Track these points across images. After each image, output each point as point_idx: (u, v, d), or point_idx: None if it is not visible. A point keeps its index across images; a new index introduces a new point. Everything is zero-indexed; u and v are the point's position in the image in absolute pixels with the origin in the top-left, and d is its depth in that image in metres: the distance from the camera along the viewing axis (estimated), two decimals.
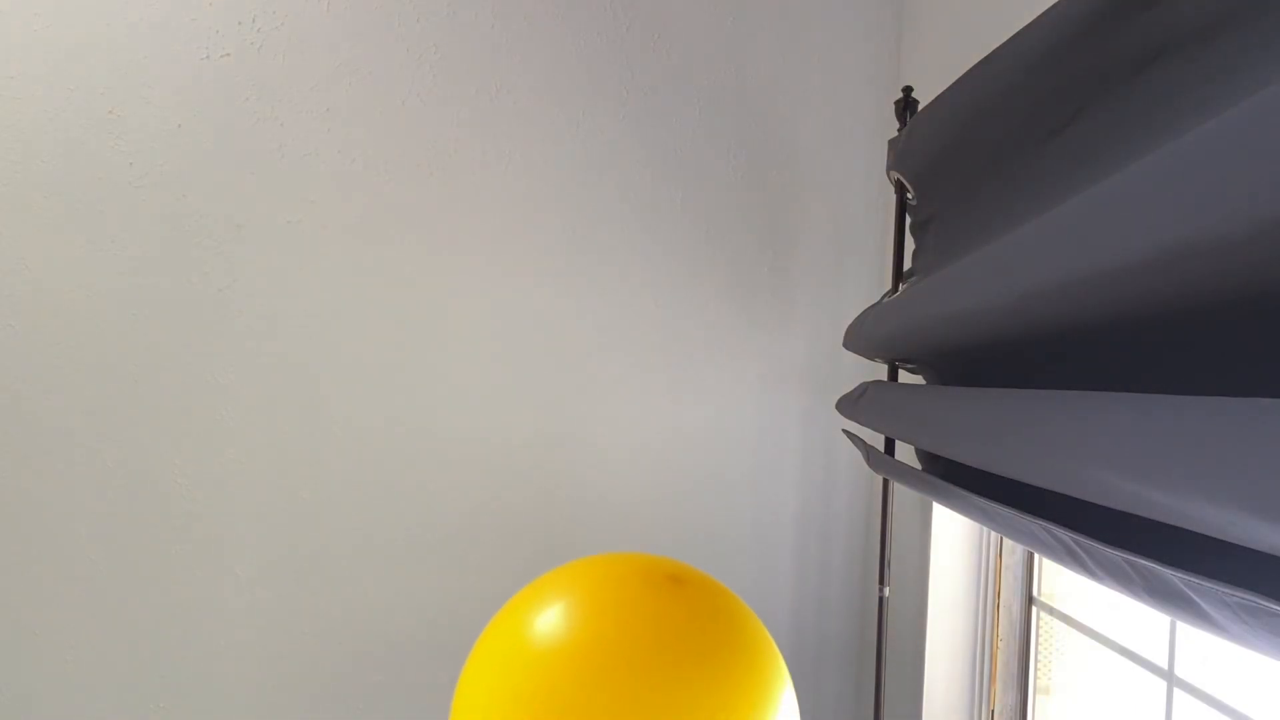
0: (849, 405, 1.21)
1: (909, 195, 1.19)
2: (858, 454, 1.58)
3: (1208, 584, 0.47)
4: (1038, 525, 0.67)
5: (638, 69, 1.49)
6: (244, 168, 1.36)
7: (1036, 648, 1.30)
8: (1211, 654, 0.92)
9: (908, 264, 1.26)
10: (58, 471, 1.33)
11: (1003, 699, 1.32)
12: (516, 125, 1.45)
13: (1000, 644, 1.32)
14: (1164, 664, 0.97)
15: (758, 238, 1.56)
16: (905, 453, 1.20)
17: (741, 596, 1.27)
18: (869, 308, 1.23)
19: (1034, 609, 1.31)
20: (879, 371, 1.44)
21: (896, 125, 1.29)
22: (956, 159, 0.99)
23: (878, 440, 1.29)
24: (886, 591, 1.33)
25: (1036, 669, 1.30)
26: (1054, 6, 0.73)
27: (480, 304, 1.45)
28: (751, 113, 1.54)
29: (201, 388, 1.37)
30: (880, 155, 1.57)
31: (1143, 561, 0.53)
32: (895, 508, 1.35)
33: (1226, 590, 0.45)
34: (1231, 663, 0.90)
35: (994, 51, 0.85)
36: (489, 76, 1.43)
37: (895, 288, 1.24)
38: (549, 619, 0.88)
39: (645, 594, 0.91)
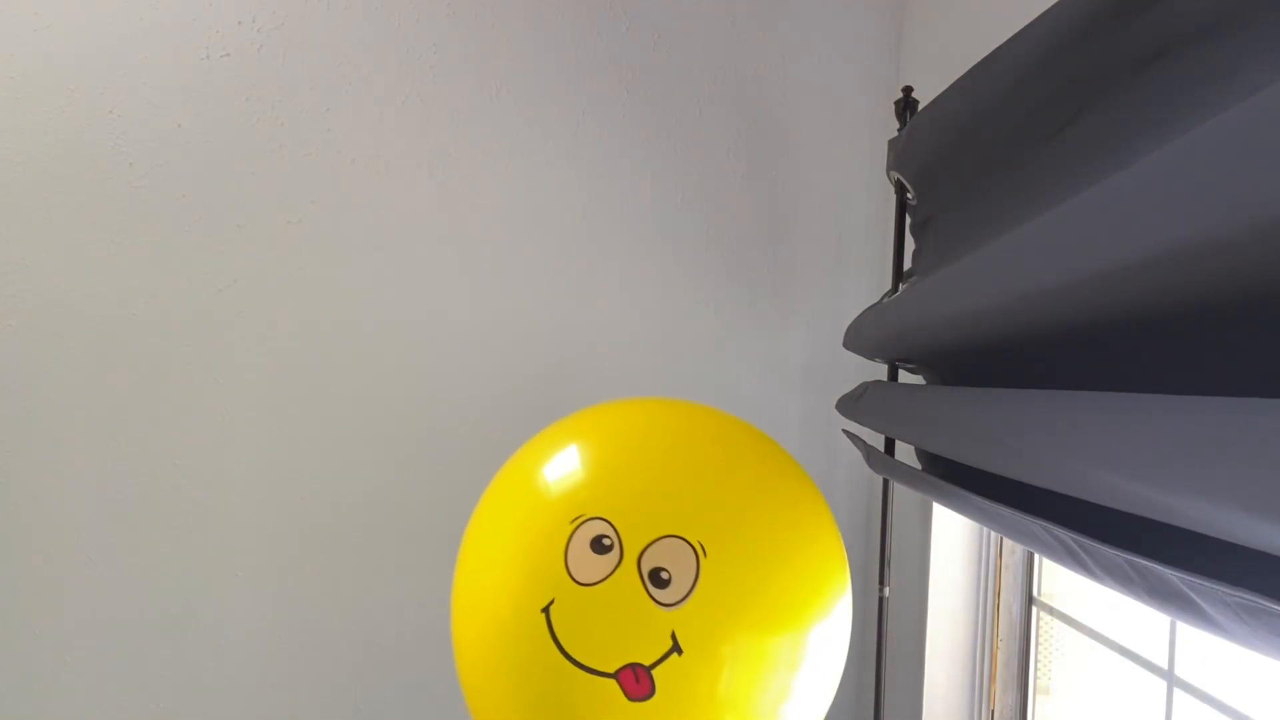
0: (849, 405, 1.21)
1: (909, 195, 1.19)
2: (858, 454, 1.58)
3: (1208, 584, 0.47)
4: (1038, 525, 0.67)
5: (638, 69, 1.49)
6: (244, 168, 1.36)
7: (1036, 648, 1.30)
8: (1211, 654, 0.92)
9: (908, 264, 1.25)
10: (58, 471, 1.33)
11: (1003, 699, 1.32)
12: (516, 125, 1.45)
13: (1000, 644, 1.32)
14: (1164, 664, 0.97)
15: (758, 238, 1.56)
16: (905, 453, 1.20)
17: None
18: (869, 308, 1.23)
19: (1034, 609, 1.31)
20: (879, 371, 1.43)
21: (896, 125, 1.29)
22: (956, 159, 0.99)
23: (878, 440, 1.29)
24: (886, 591, 1.32)
25: (1036, 669, 1.30)
26: (1054, 6, 0.73)
27: (479, 304, 1.45)
28: (751, 113, 1.54)
29: (201, 388, 1.37)
30: (880, 155, 1.57)
31: (1143, 561, 0.53)
32: (895, 508, 1.35)
33: (1226, 590, 0.45)
34: (1231, 663, 0.90)
35: (994, 52, 0.85)
36: (489, 76, 1.43)
37: (895, 288, 1.24)
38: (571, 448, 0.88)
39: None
